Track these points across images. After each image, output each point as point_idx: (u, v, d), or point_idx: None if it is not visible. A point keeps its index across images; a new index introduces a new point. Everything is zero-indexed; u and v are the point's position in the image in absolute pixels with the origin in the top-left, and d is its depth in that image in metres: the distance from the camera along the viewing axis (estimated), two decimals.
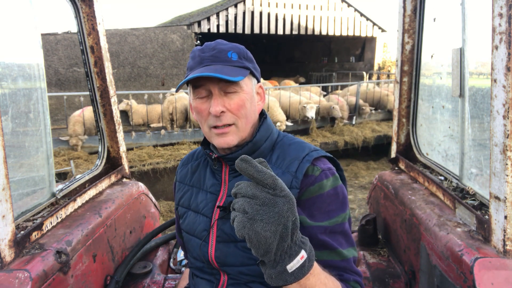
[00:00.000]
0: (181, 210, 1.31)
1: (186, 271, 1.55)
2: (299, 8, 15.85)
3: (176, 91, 1.21)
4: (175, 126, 9.26)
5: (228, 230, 1.13)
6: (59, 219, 1.52)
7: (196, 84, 1.12)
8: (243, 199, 0.77)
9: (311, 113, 9.44)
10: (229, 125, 1.11)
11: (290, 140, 1.22)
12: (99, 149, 2.15)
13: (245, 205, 0.76)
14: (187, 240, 1.26)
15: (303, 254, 0.82)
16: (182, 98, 9.51)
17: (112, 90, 2.08)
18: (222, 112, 1.10)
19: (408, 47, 2.12)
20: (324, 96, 11.74)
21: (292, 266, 0.80)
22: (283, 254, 0.80)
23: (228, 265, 1.14)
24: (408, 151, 2.24)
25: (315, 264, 0.87)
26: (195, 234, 1.21)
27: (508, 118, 1.11)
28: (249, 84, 1.15)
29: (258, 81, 1.22)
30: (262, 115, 1.25)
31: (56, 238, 1.38)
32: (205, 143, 1.29)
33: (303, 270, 0.82)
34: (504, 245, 1.17)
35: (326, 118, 10.37)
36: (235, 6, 14.65)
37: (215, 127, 1.12)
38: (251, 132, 1.19)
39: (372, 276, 1.84)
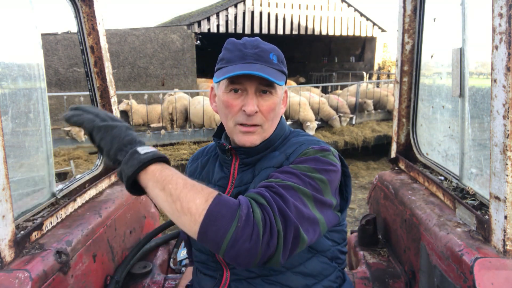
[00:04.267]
0: None
1: (188, 270, 1.55)
2: (299, 8, 15.83)
3: (217, 82, 1.13)
4: (175, 126, 9.26)
5: None
6: (59, 219, 1.52)
7: (234, 78, 1.10)
8: None
9: (311, 133, 9.54)
10: (256, 125, 1.12)
11: (303, 135, 1.25)
12: None
13: None
14: None
15: None
16: (182, 98, 9.50)
17: (112, 90, 2.08)
18: (256, 112, 1.10)
19: (408, 47, 2.12)
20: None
21: None
22: None
23: None
24: (408, 151, 2.24)
25: None
26: None
27: (508, 118, 1.11)
28: (280, 89, 1.17)
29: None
30: None
31: (56, 238, 1.38)
32: (218, 135, 1.29)
33: None
34: (504, 245, 1.17)
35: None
36: (235, 6, 14.63)
37: (243, 124, 1.12)
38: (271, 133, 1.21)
39: (372, 276, 1.84)
